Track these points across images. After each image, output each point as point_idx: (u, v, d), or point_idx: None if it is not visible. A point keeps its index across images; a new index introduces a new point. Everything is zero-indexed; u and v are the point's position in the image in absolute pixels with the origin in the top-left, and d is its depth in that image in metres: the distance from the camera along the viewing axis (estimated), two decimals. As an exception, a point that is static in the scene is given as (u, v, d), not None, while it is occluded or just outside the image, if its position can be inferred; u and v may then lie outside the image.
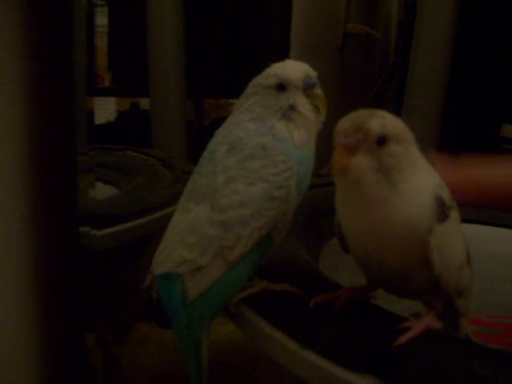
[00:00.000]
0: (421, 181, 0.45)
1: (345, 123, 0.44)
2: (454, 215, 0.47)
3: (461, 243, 0.48)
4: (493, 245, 0.92)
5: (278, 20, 1.60)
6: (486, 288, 0.85)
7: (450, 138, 1.50)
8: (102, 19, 2.03)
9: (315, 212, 0.80)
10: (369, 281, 0.54)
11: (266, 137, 0.52)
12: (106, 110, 2.12)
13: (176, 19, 1.16)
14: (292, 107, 0.53)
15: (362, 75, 2.08)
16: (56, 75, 0.53)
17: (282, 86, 0.53)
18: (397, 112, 1.50)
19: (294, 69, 0.53)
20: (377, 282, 0.53)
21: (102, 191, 1.01)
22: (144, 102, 1.82)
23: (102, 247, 0.68)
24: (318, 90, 0.54)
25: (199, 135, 1.76)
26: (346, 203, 0.48)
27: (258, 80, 0.54)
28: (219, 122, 0.57)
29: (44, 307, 0.55)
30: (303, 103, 0.53)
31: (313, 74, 0.54)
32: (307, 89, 0.53)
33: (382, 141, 0.44)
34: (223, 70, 1.52)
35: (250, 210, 0.50)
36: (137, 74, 1.49)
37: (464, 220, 0.94)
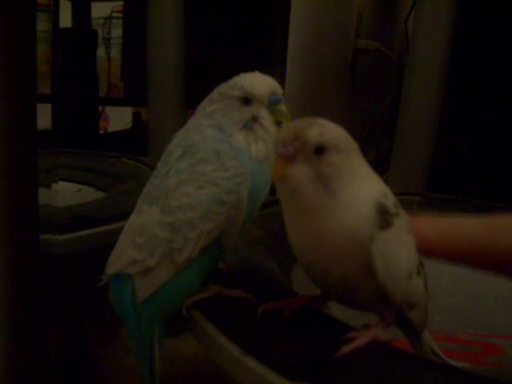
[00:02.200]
0: (362, 189, 0.45)
1: (283, 133, 0.44)
2: (400, 223, 0.46)
3: (408, 252, 0.47)
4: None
5: (281, 30, 1.60)
6: (469, 305, 0.83)
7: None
8: (117, 31, 2.08)
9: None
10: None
11: (222, 143, 0.52)
12: (122, 118, 2.17)
13: (176, 28, 1.17)
14: (254, 119, 0.53)
15: (374, 92, 2.08)
16: (20, 76, 0.53)
17: (246, 100, 0.53)
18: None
19: (260, 84, 0.54)
20: (325, 292, 0.52)
21: (92, 196, 1.02)
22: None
23: (67, 251, 0.69)
24: (282, 106, 0.54)
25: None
26: (287, 212, 0.47)
27: (224, 88, 0.55)
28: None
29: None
30: (266, 117, 0.54)
31: (279, 90, 0.54)
32: (272, 105, 0.54)
33: (320, 150, 0.43)
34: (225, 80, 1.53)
35: (198, 212, 0.50)
36: (146, 84, 1.51)
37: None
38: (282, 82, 1.63)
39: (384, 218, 0.44)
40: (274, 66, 1.59)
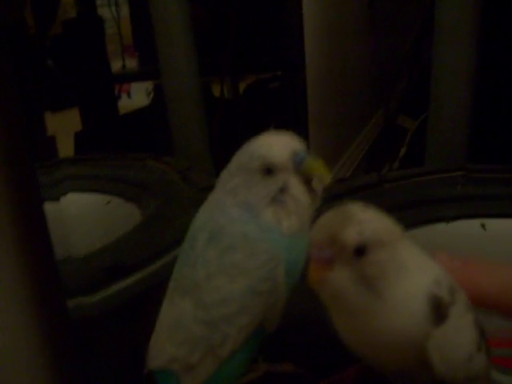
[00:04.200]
0: (411, 283, 0.40)
1: (318, 234, 0.39)
2: (457, 310, 0.41)
3: (467, 336, 0.43)
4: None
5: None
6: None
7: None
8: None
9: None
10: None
11: (250, 225, 0.47)
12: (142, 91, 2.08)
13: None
14: (282, 190, 0.47)
15: (395, 29, 1.95)
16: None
17: (268, 170, 0.47)
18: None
19: (279, 148, 0.47)
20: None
21: (122, 209, 1.00)
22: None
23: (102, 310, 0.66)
24: (312, 162, 0.47)
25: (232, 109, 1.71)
26: (331, 310, 0.43)
27: (241, 159, 0.48)
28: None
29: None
30: (295, 184, 0.47)
31: (300, 148, 0.47)
32: (298, 166, 0.47)
33: (360, 251, 0.38)
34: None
35: (234, 307, 0.46)
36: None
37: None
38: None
39: (439, 313, 0.40)
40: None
